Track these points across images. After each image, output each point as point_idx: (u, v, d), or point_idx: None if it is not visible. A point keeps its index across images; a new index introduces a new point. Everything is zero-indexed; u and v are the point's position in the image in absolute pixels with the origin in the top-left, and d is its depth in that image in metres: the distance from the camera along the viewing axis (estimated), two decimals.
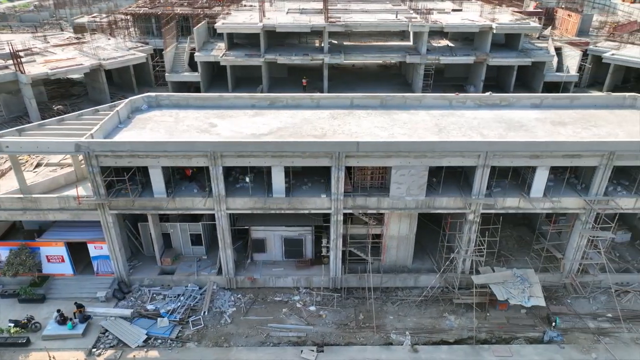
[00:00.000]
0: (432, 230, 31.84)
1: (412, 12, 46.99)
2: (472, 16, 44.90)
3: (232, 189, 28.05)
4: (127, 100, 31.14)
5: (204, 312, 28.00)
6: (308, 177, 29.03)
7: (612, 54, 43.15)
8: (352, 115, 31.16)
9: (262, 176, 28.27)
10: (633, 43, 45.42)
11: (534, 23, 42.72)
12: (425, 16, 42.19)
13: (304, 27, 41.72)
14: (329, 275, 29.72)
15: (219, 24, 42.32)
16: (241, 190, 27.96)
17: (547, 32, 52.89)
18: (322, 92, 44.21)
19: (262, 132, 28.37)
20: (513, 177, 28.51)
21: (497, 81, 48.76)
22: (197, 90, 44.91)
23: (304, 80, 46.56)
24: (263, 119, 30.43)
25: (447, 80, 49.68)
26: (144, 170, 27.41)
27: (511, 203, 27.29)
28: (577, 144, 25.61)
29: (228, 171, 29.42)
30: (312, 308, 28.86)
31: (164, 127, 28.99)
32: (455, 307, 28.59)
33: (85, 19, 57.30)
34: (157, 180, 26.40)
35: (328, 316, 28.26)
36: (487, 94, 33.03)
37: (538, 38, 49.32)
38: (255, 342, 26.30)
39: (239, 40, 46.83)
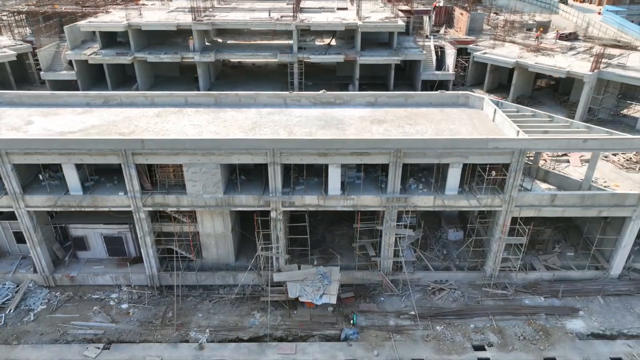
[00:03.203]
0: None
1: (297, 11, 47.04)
2: (346, 15, 44.92)
3: (36, 186, 28.00)
4: None
5: (10, 310, 27.97)
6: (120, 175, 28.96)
7: (484, 53, 43.17)
8: (180, 113, 31.19)
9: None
10: (513, 42, 45.44)
11: (402, 22, 42.75)
12: (295, 15, 42.13)
13: (170, 26, 41.67)
14: (145, 273, 29.71)
15: (83, 23, 42.32)
16: (46, 187, 27.88)
17: (442, 30, 53.02)
18: (199, 90, 44.16)
19: (71, 130, 28.36)
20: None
21: (384, 79, 48.74)
22: (77, 88, 44.85)
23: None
24: (86, 117, 30.44)
25: (338, 79, 49.76)
26: None
27: (310, 201, 27.32)
28: (360, 141, 25.69)
29: (44, 168, 29.38)
30: (124, 306, 28.86)
31: None
32: (266, 305, 28.59)
33: None
34: None
35: (136, 314, 28.25)
36: (321, 92, 33.05)
37: (427, 37, 49.38)
38: (47, 340, 26.25)
39: (123, 39, 46.70)
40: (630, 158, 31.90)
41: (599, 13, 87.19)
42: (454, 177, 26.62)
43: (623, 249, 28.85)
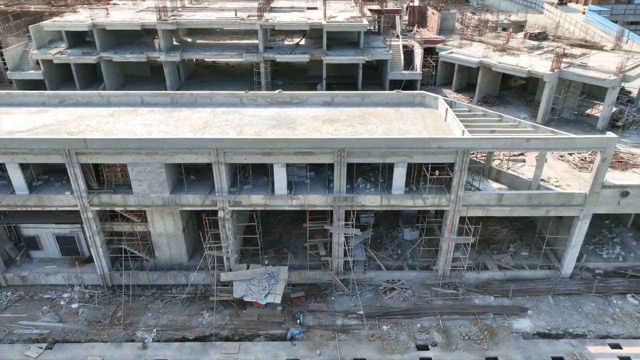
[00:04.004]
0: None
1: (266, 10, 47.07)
2: (314, 14, 44.95)
3: None
4: None
5: None
6: None
7: (450, 53, 43.14)
8: (134, 113, 31.17)
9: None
10: (481, 41, 45.42)
11: (366, 21, 42.74)
12: (260, 14, 42.13)
13: (134, 25, 41.64)
14: (97, 272, 29.69)
15: (47, 22, 42.35)
16: None
17: (414, 30, 53.04)
18: (167, 89, 44.07)
19: (20, 130, 28.33)
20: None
21: (355, 79, 48.64)
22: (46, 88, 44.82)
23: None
24: (39, 116, 30.41)
25: (309, 78, 49.72)
26: None
27: (257, 200, 27.29)
28: (304, 141, 25.66)
29: None
30: (75, 305, 28.85)
31: None
32: (216, 305, 28.56)
33: None
34: None
35: (85, 313, 28.22)
36: (277, 91, 33.04)
37: (397, 36, 49.40)
38: None
39: (92, 39, 46.58)
40: (585, 158, 31.89)
41: (583, 13, 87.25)
42: (399, 176, 26.58)
43: (573, 248, 28.84)
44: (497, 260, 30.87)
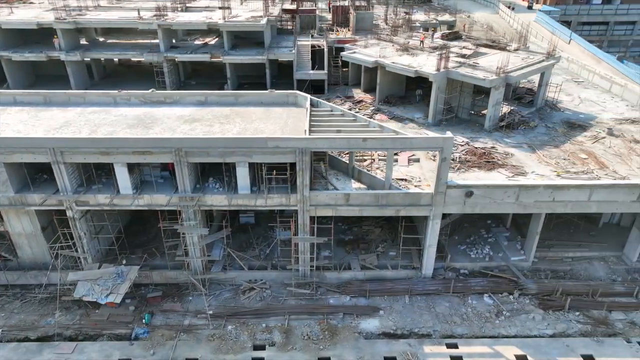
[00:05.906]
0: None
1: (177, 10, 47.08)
2: (215, 15, 44.94)
3: None
4: None
5: None
6: None
7: (352, 53, 43.03)
8: (1, 112, 31.07)
9: None
10: (391, 41, 45.31)
11: (264, 21, 42.66)
12: (159, 14, 42.07)
13: (30, 24, 41.57)
14: None
15: None
16: None
17: (335, 29, 53.05)
18: (72, 89, 43.99)
19: None
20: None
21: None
22: None
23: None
24: None
25: (225, 78, 49.62)
26: None
27: (103, 200, 27.23)
28: (139, 140, 25.62)
29: None
30: None
31: None
32: (63, 304, 28.42)
33: None
34: None
35: None
36: (150, 91, 32.98)
37: (312, 36, 49.39)
38: None
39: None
40: (455, 158, 31.87)
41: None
42: (242, 176, 26.58)
43: (429, 248, 28.87)
44: (362, 260, 30.87)
